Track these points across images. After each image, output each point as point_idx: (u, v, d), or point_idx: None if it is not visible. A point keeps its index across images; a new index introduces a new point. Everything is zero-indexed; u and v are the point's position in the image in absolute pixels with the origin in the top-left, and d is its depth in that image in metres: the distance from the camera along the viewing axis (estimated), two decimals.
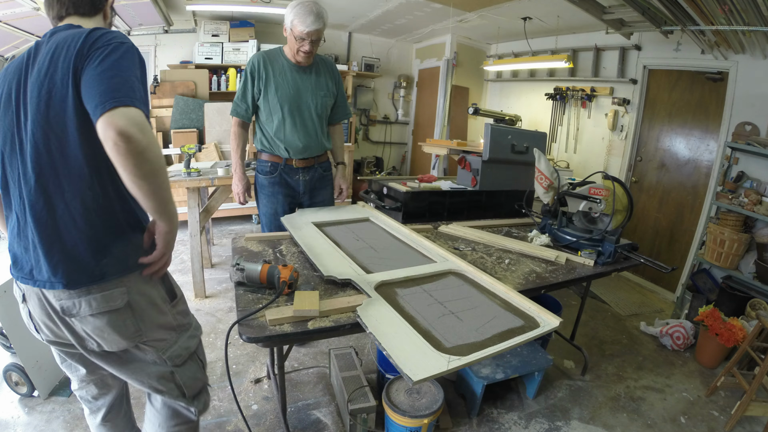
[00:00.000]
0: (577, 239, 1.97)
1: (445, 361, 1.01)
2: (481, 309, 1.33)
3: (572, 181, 2.53)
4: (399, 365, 0.97)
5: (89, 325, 1.00)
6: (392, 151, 6.30)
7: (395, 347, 1.04)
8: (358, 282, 1.39)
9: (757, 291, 2.76)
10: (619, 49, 3.85)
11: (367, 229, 2.05)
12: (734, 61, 3.05)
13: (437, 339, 1.14)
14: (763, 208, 2.71)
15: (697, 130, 3.43)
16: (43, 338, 1.10)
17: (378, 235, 1.97)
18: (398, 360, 0.99)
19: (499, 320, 1.27)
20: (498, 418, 2.01)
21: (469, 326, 1.22)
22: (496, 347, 1.11)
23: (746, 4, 2.25)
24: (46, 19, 1.09)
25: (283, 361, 1.49)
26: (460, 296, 1.41)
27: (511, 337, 1.17)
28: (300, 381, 2.18)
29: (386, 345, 1.04)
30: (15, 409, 1.87)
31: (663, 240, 3.71)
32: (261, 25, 4.83)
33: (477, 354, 1.06)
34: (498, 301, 1.40)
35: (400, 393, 1.73)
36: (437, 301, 1.35)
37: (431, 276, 1.54)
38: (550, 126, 4.59)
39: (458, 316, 1.27)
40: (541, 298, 2.32)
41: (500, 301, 1.39)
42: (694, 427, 2.06)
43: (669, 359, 2.65)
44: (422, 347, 1.07)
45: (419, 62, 5.90)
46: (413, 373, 0.95)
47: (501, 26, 4.43)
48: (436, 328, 1.20)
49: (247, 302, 1.31)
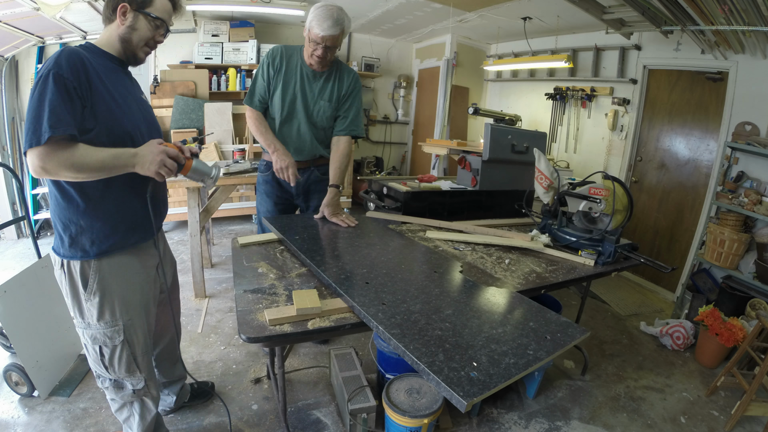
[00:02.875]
0: (577, 239, 1.97)
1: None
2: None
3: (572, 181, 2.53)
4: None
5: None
6: (392, 151, 6.30)
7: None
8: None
9: (757, 291, 2.76)
10: (619, 48, 3.85)
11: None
12: (734, 61, 3.05)
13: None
14: (763, 208, 2.71)
15: (697, 130, 3.43)
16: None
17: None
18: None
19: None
20: (498, 418, 2.01)
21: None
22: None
23: (746, 4, 2.25)
24: (46, 18, 1.11)
25: (283, 361, 1.49)
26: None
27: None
28: (300, 381, 2.18)
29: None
30: (15, 409, 1.87)
31: (663, 240, 3.71)
32: (261, 25, 4.83)
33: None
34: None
35: (400, 393, 1.73)
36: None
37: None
38: (550, 126, 4.59)
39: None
40: (541, 298, 2.31)
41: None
42: (694, 427, 2.06)
43: (669, 359, 2.65)
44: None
45: (419, 62, 5.90)
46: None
47: (501, 26, 4.43)
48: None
49: (248, 302, 1.31)
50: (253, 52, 4.63)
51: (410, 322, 1.16)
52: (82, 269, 1.27)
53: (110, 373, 1.39)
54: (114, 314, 1.32)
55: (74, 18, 3.37)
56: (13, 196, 3.99)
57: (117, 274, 1.32)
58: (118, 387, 1.42)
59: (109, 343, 1.34)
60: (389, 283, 1.41)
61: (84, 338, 1.35)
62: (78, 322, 1.34)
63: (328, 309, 1.25)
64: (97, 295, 1.29)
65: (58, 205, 1.24)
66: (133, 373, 1.40)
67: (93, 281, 1.28)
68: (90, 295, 1.29)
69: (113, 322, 1.33)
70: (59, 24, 3.31)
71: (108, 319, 1.32)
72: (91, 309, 1.30)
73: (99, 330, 1.32)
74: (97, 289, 1.29)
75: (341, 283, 1.37)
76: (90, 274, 1.28)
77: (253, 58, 4.66)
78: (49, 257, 2.15)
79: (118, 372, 1.39)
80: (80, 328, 1.35)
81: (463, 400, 0.86)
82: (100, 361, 1.37)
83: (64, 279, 1.30)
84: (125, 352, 1.37)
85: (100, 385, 1.43)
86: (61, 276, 1.30)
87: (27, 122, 1.06)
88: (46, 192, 4.27)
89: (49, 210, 1.30)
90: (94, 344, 1.34)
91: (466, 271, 1.63)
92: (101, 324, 1.32)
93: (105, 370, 1.38)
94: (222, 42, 4.58)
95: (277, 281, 1.48)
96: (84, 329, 1.34)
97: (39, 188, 4.16)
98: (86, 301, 1.30)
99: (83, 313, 1.32)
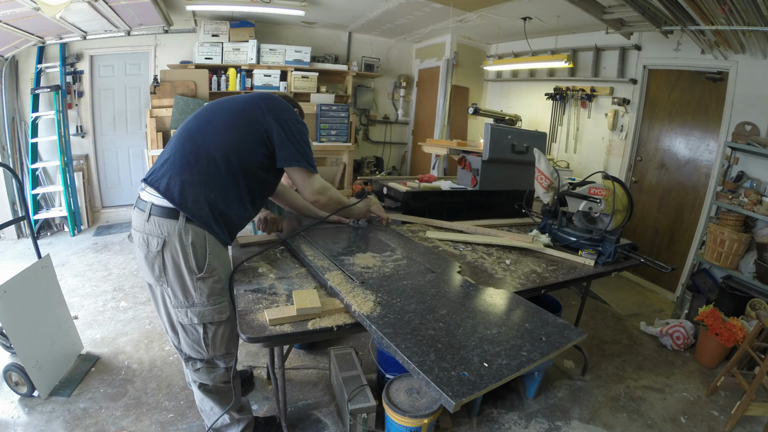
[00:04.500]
0: (577, 239, 1.97)
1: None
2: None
3: (572, 181, 2.53)
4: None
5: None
6: (392, 151, 6.30)
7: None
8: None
9: (757, 291, 2.76)
10: (619, 48, 3.85)
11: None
12: (734, 61, 3.05)
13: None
14: (763, 208, 2.71)
15: (697, 130, 3.43)
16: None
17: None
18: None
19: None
20: (498, 418, 2.01)
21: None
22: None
23: (746, 4, 2.25)
24: (46, 18, 1.09)
25: (283, 361, 1.49)
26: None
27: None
28: (300, 381, 2.18)
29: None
30: (15, 409, 1.87)
31: (663, 240, 3.71)
32: (261, 25, 4.83)
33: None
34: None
35: (400, 393, 1.73)
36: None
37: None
38: (550, 126, 4.59)
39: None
40: (541, 298, 2.32)
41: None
42: (694, 427, 2.06)
43: (669, 359, 2.65)
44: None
45: (419, 62, 5.90)
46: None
47: (501, 26, 4.43)
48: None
49: (248, 302, 1.32)
50: (253, 52, 4.64)
51: (404, 321, 1.15)
52: (196, 247, 1.32)
53: (209, 352, 1.43)
54: (222, 292, 1.40)
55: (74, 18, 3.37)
56: (13, 196, 3.99)
57: (223, 256, 1.42)
58: (212, 367, 1.47)
59: (216, 318, 1.39)
60: (385, 283, 1.41)
61: (186, 318, 1.37)
62: (177, 302, 1.36)
63: (329, 309, 1.25)
64: (214, 273, 1.36)
65: (222, 186, 1.36)
66: (229, 350, 1.47)
67: (211, 259, 1.35)
68: (206, 273, 1.34)
69: (221, 299, 1.39)
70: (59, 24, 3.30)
71: (217, 296, 1.38)
72: (201, 287, 1.35)
73: (208, 307, 1.37)
74: (212, 267, 1.35)
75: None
76: (207, 251, 1.34)
77: (253, 58, 4.66)
78: (49, 257, 2.16)
79: (218, 349, 1.44)
80: (181, 308, 1.37)
81: (452, 400, 0.85)
82: (201, 340, 1.40)
83: (161, 260, 1.32)
84: (227, 329, 1.43)
85: (190, 368, 1.47)
86: (157, 258, 1.32)
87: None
88: (46, 192, 4.28)
89: (194, 181, 1.33)
90: (201, 321, 1.37)
91: (465, 271, 1.63)
92: (211, 300, 1.37)
93: (205, 348, 1.42)
94: (222, 42, 4.58)
95: (277, 281, 1.48)
96: (188, 308, 1.36)
97: (39, 188, 4.16)
98: (197, 280, 1.34)
99: (188, 292, 1.35)
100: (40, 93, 4.03)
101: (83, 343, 2.33)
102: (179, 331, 1.42)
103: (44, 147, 4.25)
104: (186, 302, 1.36)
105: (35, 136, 4.09)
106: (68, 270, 3.38)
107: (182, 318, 1.38)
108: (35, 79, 4.09)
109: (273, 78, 4.80)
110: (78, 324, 2.48)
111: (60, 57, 4.17)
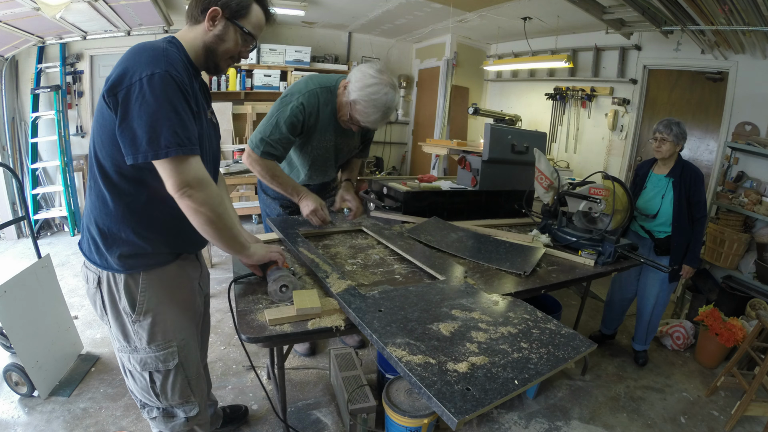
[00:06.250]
0: (577, 239, 1.97)
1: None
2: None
3: (572, 181, 2.54)
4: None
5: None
6: (392, 151, 6.30)
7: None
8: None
9: (757, 291, 2.76)
10: (619, 49, 3.85)
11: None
12: (734, 61, 3.05)
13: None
14: (763, 208, 2.71)
15: (697, 130, 3.43)
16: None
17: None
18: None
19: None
20: (498, 418, 2.01)
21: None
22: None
23: (746, 4, 2.25)
24: (46, 18, 1.08)
25: (283, 361, 1.49)
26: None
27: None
28: (300, 381, 2.18)
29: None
30: (15, 409, 1.87)
31: None
32: None
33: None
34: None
35: (400, 393, 1.73)
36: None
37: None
38: (550, 126, 4.59)
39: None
40: (541, 298, 2.32)
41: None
42: (694, 427, 2.06)
43: (669, 359, 2.65)
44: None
45: (419, 62, 5.90)
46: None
47: (501, 26, 4.43)
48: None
49: (248, 302, 1.31)
50: (252, 52, 4.64)
51: (406, 331, 1.09)
52: (127, 285, 1.11)
53: (161, 402, 1.22)
54: (167, 335, 1.16)
55: (74, 18, 3.37)
56: (13, 196, 3.99)
57: (167, 288, 1.17)
58: (169, 416, 1.25)
59: (162, 367, 1.17)
60: (387, 288, 1.36)
61: (129, 364, 1.18)
62: (120, 346, 1.16)
63: (329, 309, 1.25)
64: (149, 315, 1.13)
65: (104, 209, 1.07)
66: (187, 399, 1.25)
67: (143, 298, 1.12)
68: (139, 315, 1.12)
69: (166, 344, 1.16)
70: (59, 24, 3.31)
71: (160, 341, 1.15)
72: (139, 331, 1.13)
73: (150, 354, 1.15)
74: (147, 307, 1.13)
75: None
76: (138, 290, 1.12)
77: (253, 58, 4.66)
78: (49, 257, 2.16)
79: (171, 399, 1.22)
80: (124, 352, 1.17)
81: (454, 417, 0.78)
82: (150, 389, 1.19)
83: (100, 298, 1.13)
84: (180, 377, 1.21)
85: (146, 416, 1.26)
86: (96, 296, 1.14)
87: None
88: (46, 192, 4.28)
89: (86, 214, 1.12)
90: (143, 370, 1.17)
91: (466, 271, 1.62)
92: (153, 347, 1.15)
93: (156, 398, 1.21)
94: None
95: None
96: (130, 354, 1.16)
97: (39, 188, 4.16)
98: (133, 323, 1.13)
99: (128, 335, 1.14)
100: (40, 93, 4.03)
101: (83, 343, 2.33)
102: (127, 375, 1.22)
103: (44, 147, 4.25)
104: (128, 347, 1.15)
105: (35, 136, 4.09)
106: (68, 270, 3.38)
107: (126, 363, 1.19)
108: (35, 79, 4.09)
109: (273, 78, 4.80)
110: (78, 324, 2.48)
111: (60, 57, 4.17)
